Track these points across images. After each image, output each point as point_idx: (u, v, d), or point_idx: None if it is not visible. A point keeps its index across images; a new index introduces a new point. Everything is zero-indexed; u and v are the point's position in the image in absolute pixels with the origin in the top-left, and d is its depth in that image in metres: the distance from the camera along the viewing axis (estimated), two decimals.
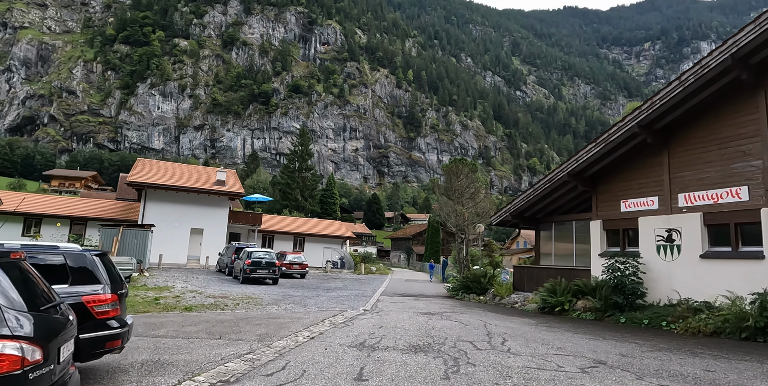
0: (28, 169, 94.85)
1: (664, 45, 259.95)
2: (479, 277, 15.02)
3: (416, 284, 22.73)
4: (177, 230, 22.94)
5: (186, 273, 19.09)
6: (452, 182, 18.14)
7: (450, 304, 13.26)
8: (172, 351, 5.79)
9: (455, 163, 18.51)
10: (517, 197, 13.35)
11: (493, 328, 8.43)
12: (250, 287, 15.22)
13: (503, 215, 13.88)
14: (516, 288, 14.19)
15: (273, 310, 10.15)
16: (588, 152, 10.98)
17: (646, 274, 10.10)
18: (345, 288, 17.23)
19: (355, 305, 11.86)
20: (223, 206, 24.41)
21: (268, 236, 29.68)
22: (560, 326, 9.04)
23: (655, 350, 6.56)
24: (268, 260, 16.86)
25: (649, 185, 10.60)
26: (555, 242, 13.49)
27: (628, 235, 11.14)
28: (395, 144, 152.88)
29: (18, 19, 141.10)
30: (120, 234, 17.20)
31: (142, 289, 12.85)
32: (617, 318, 9.65)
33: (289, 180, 70.33)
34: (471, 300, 14.91)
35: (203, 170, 26.73)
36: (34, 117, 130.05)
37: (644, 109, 9.64)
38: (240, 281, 16.85)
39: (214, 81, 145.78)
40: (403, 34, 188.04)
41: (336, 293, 15.10)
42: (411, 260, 56.64)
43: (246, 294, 13.31)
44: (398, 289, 18.62)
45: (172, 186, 22.52)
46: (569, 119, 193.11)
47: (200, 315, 8.92)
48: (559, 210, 13.64)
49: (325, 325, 8.26)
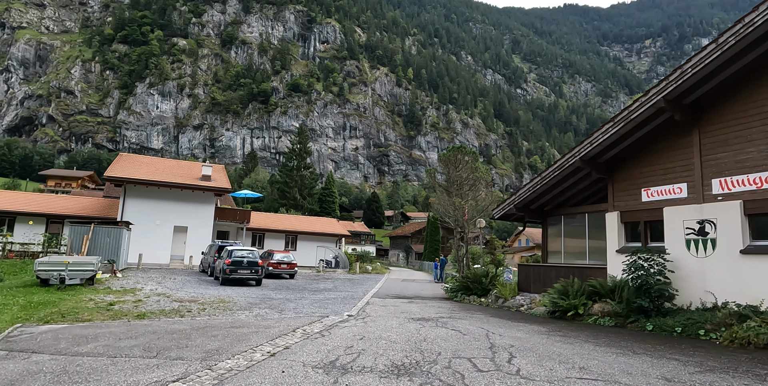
0: (27, 169, 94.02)
1: (665, 42, 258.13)
2: (480, 277, 13.61)
3: (413, 284, 21.31)
4: (159, 229, 21.59)
5: (165, 274, 17.73)
6: (450, 172, 16.56)
7: (448, 307, 11.86)
8: (78, 378, 4.42)
9: (453, 152, 16.72)
10: (522, 187, 11.94)
11: (498, 339, 7.03)
12: (228, 289, 13.85)
13: (507, 208, 12.46)
14: (521, 289, 12.79)
15: (242, 316, 8.77)
16: (604, 133, 9.57)
17: (674, 273, 8.68)
18: (334, 289, 15.84)
19: (339, 309, 10.48)
20: (209, 202, 23.03)
21: (258, 235, 28.29)
22: (577, 335, 7.63)
23: (705, 370, 5.15)
24: (251, 260, 15.46)
25: (676, 170, 9.18)
26: (565, 237, 12.07)
27: (651, 228, 9.73)
28: (395, 143, 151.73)
29: (16, 19, 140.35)
30: (91, 232, 15.85)
31: (103, 292, 11.49)
32: (642, 324, 8.24)
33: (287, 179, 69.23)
34: (471, 302, 13.51)
35: (189, 165, 25.39)
36: (33, 117, 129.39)
37: (672, 80, 8.22)
38: (220, 283, 15.49)
39: (213, 80, 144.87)
40: (402, 33, 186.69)
41: (323, 295, 13.72)
42: (410, 259, 55.29)
43: (220, 296, 11.94)
44: (392, 290, 17.23)
45: (153, 181, 21.13)
46: (570, 116, 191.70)
47: (150, 324, 7.55)
48: (569, 201, 12.22)
49: (295, 336, 6.88)
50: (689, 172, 8.93)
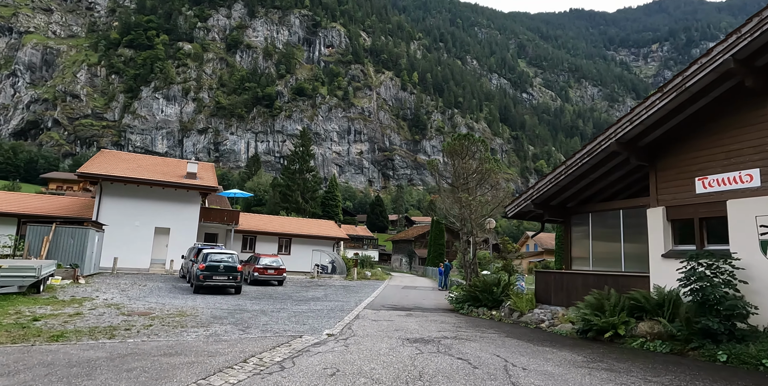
0: (31, 173, 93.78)
1: (672, 46, 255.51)
2: (491, 286, 11.62)
3: (414, 292, 19.31)
4: (139, 230, 19.86)
5: (137, 280, 15.92)
6: (456, 164, 14.45)
7: (453, 323, 9.89)
8: None
9: (460, 140, 14.50)
10: (541, 180, 9.97)
11: (522, 376, 5.09)
12: (198, 299, 11.98)
13: (522, 204, 10.49)
14: (539, 301, 10.79)
15: (189, 337, 6.90)
16: (649, 107, 7.64)
17: (747, 284, 6.70)
18: (323, 299, 13.92)
19: (320, 325, 8.57)
20: (194, 202, 21.28)
21: (249, 238, 26.40)
22: (628, 369, 5.66)
23: None
24: (228, 264, 13.59)
25: (744, 153, 7.22)
26: (593, 239, 10.08)
27: (709, 227, 7.75)
28: (400, 147, 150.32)
29: (23, 23, 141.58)
30: (52, 233, 14.11)
31: (42, 303, 9.68)
32: (711, 352, 6.24)
33: (289, 182, 67.77)
34: (480, 315, 11.51)
35: (175, 162, 23.70)
36: (38, 121, 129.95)
37: (746, 31, 6.29)
38: (193, 291, 13.62)
39: (217, 84, 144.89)
40: (408, 37, 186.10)
41: (307, 306, 11.80)
42: (413, 264, 53.18)
43: (183, 308, 10.08)
44: (390, 299, 15.25)
45: (131, 179, 19.43)
46: (576, 121, 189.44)
47: (57, 351, 5.69)
48: (598, 196, 10.25)
49: (243, 370, 4.99)
50: (763, 155, 6.98)
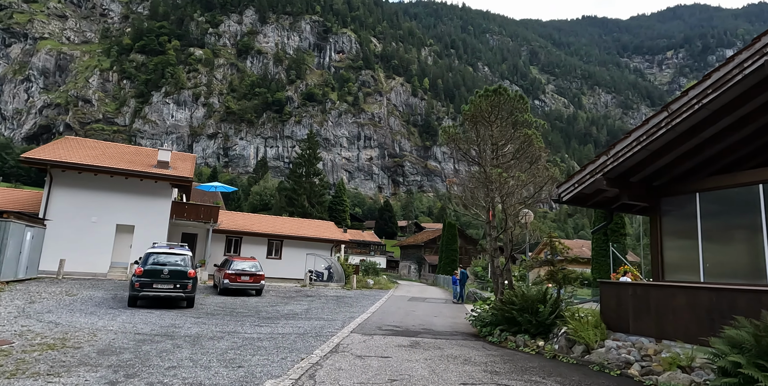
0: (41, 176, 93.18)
1: (687, 53, 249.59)
2: (534, 302, 8.01)
3: (423, 306, 15.67)
4: (96, 228, 16.76)
5: (75, 288, 12.70)
6: (481, 133, 10.24)
7: (483, 363, 6.31)
8: None
9: (487, 97, 10.07)
10: (622, 140, 6.42)
11: None
12: (123, 316, 8.66)
13: (588, 181, 6.91)
14: (609, 327, 7.16)
15: None
16: None
17: None
18: (302, 316, 10.47)
19: (263, 371, 5.09)
20: (164, 195, 18.08)
21: (234, 239, 23.02)
22: None
23: None
24: (176, 269, 10.24)
25: None
26: (704, 234, 6.44)
27: None
28: (410, 153, 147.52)
29: (38, 30, 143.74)
30: None
31: None
32: None
33: (295, 185, 65.29)
34: (520, 346, 7.88)
35: (149, 152, 20.50)
36: (51, 126, 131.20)
37: None
38: (127, 303, 10.23)
39: (228, 89, 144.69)
40: (419, 43, 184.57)
41: (270, 328, 8.37)
42: (422, 272, 49.38)
43: (74, 333, 6.72)
44: (391, 317, 11.69)
45: (86, 166, 16.34)
46: (590, 128, 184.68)
47: None
48: (709, 166, 6.66)
49: None
50: None
